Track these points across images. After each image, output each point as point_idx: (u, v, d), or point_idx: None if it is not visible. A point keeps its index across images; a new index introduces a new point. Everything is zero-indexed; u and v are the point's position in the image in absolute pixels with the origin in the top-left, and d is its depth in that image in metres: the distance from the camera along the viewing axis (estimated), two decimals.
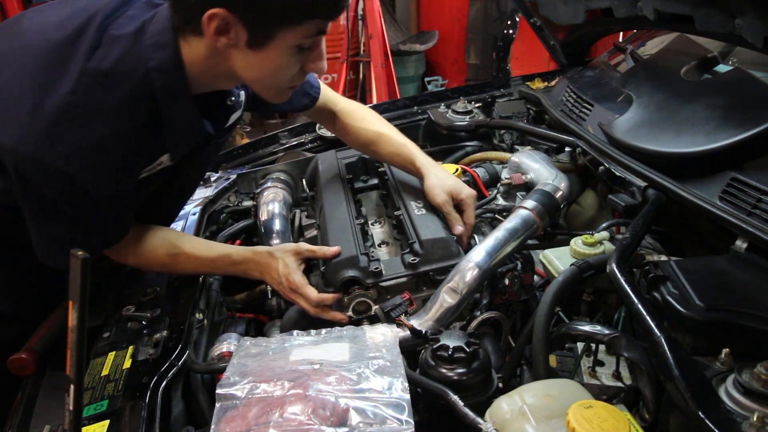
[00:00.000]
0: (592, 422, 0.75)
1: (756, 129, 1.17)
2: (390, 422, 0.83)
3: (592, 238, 1.23)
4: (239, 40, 1.03)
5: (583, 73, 1.97)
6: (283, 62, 1.09)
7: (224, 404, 0.90)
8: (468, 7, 5.22)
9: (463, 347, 0.98)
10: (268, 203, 1.68)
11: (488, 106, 2.20)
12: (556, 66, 2.31)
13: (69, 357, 0.72)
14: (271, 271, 1.30)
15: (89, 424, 1.00)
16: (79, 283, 0.70)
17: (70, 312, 0.72)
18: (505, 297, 1.30)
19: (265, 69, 1.09)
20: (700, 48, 1.70)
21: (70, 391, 0.72)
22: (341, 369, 0.94)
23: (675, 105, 1.44)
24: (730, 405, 0.80)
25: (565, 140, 1.68)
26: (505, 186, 1.63)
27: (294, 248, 1.32)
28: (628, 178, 1.38)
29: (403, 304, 1.21)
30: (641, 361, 0.92)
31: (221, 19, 0.99)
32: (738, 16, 1.22)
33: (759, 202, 1.09)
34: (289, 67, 1.12)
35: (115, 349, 1.18)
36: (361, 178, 1.79)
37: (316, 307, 1.26)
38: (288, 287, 1.28)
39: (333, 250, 1.29)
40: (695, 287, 0.94)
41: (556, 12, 1.93)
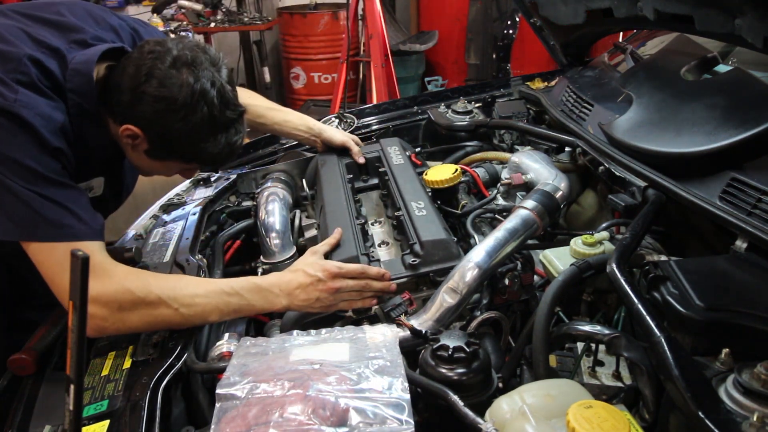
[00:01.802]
0: (592, 422, 0.75)
1: (756, 129, 1.17)
2: (390, 422, 0.83)
3: (592, 238, 1.23)
4: (139, 147, 1.28)
5: (583, 73, 1.97)
6: (166, 171, 1.40)
7: (224, 404, 0.90)
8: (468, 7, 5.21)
9: (463, 347, 0.98)
10: (268, 203, 1.68)
11: (488, 106, 2.20)
12: (556, 66, 2.31)
13: (69, 357, 0.72)
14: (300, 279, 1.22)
15: (89, 424, 1.00)
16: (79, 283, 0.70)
17: (70, 312, 0.72)
18: (505, 297, 1.30)
19: (148, 167, 1.37)
20: (700, 48, 1.70)
21: (70, 391, 0.72)
22: (341, 369, 0.94)
23: (675, 105, 1.44)
24: (730, 405, 0.80)
25: (565, 140, 1.68)
26: (505, 186, 1.63)
27: (307, 252, 1.32)
28: (628, 178, 1.38)
29: (403, 304, 1.21)
30: (641, 361, 0.92)
31: (135, 134, 1.23)
32: (738, 16, 1.22)
33: (759, 202, 1.09)
34: (169, 172, 1.41)
35: (115, 349, 1.18)
36: (361, 178, 1.79)
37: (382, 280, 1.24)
38: (329, 277, 1.21)
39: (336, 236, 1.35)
40: (695, 287, 0.94)
41: (556, 12, 1.93)
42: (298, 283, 1.22)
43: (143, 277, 1.17)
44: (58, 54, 1.22)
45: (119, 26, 1.39)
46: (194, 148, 1.27)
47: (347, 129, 2.11)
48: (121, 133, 1.24)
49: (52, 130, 1.15)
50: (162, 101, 1.19)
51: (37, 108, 1.13)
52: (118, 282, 1.13)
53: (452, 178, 1.59)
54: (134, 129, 1.22)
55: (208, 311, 1.17)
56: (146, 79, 1.19)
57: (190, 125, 1.21)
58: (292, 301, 1.22)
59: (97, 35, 1.31)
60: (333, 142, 1.85)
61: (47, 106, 1.16)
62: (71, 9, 1.33)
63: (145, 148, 1.27)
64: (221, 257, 1.59)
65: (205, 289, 1.18)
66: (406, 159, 1.74)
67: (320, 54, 5.27)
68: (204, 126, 1.23)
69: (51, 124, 1.15)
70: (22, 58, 1.16)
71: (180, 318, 1.16)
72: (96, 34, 1.31)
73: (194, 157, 1.31)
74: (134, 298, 1.12)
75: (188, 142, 1.24)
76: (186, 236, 1.53)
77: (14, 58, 1.16)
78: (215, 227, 1.72)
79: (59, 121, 1.17)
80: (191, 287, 1.17)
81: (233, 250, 1.68)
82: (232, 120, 1.28)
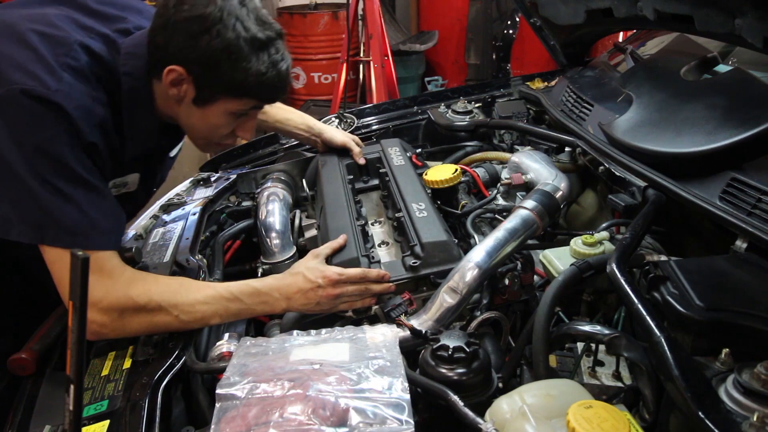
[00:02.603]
0: (592, 422, 0.75)
1: (756, 129, 1.17)
2: (390, 422, 0.83)
3: (592, 238, 1.23)
4: (186, 96, 1.23)
5: (583, 73, 1.97)
6: (219, 122, 1.29)
7: (224, 404, 0.90)
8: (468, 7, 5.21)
9: (463, 347, 0.98)
10: (268, 203, 1.68)
11: (488, 106, 2.20)
12: (556, 66, 2.31)
13: (69, 357, 0.72)
14: (299, 283, 1.22)
15: (89, 424, 1.00)
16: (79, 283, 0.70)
17: (70, 312, 0.72)
18: (505, 297, 1.30)
19: (201, 123, 1.29)
20: (700, 48, 1.70)
21: (70, 391, 0.72)
22: (341, 369, 0.94)
23: (675, 105, 1.44)
24: (730, 405, 0.80)
25: (565, 140, 1.68)
26: (505, 186, 1.63)
27: (309, 254, 1.31)
28: (628, 178, 1.38)
29: (403, 304, 1.21)
30: (641, 361, 0.92)
31: (177, 74, 1.18)
32: (738, 16, 1.22)
33: (759, 202, 1.09)
34: (222, 128, 1.31)
35: (115, 349, 1.18)
36: (362, 178, 1.79)
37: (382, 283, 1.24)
38: (329, 284, 1.22)
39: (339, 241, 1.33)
40: (695, 287, 0.94)
41: (556, 12, 1.93)
42: (298, 288, 1.22)
43: (145, 283, 1.16)
44: (108, 39, 1.21)
45: None
46: (238, 72, 1.19)
47: (347, 129, 2.11)
48: (166, 82, 1.19)
49: (91, 124, 1.13)
50: (193, 21, 1.15)
51: (78, 99, 1.11)
52: (121, 289, 1.12)
53: (452, 178, 1.60)
54: (176, 68, 1.17)
55: (207, 317, 1.17)
56: (175, 8, 1.17)
57: (227, 42, 1.16)
58: (291, 305, 1.22)
59: (139, 24, 1.30)
60: (333, 142, 1.85)
61: (89, 98, 1.14)
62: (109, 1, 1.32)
63: (192, 95, 1.22)
64: (221, 257, 1.59)
65: (204, 294, 1.17)
66: (406, 160, 1.74)
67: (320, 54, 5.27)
68: (240, 42, 1.17)
69: (90, 117, 1.13)
70: (72, 43, 1.15)
71: (179, 324, 1.16)
72: (138, 23, 1.30)
73: (241, 84, 1.21)
74: (135, 306, 1.12)
75: (229, 63, 1.18)
76: (186, 236, 1.53)
77: (66, 42, 1.15)
78: (215, 227, 1.72)
79: (99, 115, 1.15)
80: (191, 294, 1.17)
81: (233, 250, 1.68)
82: (270, 38, 1.22)
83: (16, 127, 1.07)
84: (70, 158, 1.09)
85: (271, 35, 1.23)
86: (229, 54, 1.17)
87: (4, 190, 1.09)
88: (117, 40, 1.22)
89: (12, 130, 1.07)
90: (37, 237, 1.09)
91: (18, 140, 1.07)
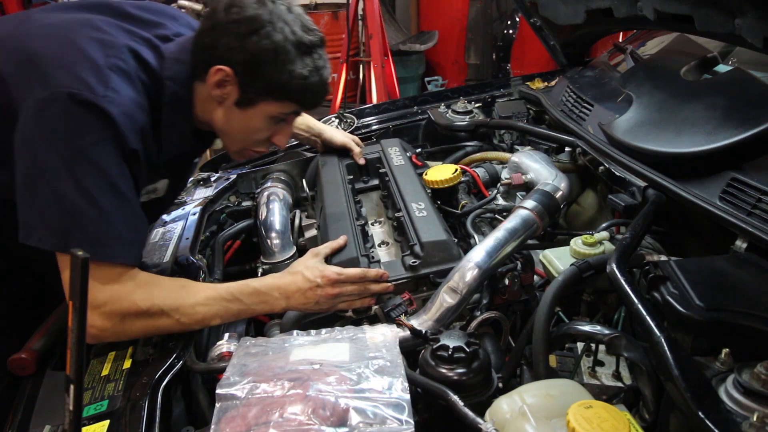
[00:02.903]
0: (592, 422, 0.75)
1: (756, 129, 1.17)
2: (390, 422, 0.83)
3: (592, 238, 1.23)
4: (229, 98, 1.24)
5: (583, 73, 1.97)
6: (258, 126, 1.30)
7: (224, 404, 0.90)
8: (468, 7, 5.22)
9: (463, 347, 0.98)
10: (268, 203, 1.68)
11: (488, 106, 2.20)
12: (556, 66, 2.31)
13: (69, 357, 0.72)
14: (298, 283, 1.22)
15: (89, 424, 1.00)
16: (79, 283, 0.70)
17: (70, 312, 0.72)
18: (505, 297, 1.30)
19: (240, 127, 1.29)
20: (700, 48, 1.70)
21: (70, 391, 0.72)
22: (341, 369, 0.94)
23: (675, 105, 1.44)
24: (730, 405, 0.80)
25: (565, 140, 1.68)
26: (505, 186, 1.63)
27: (308, 253, 1.31)
28: (628, 178, 1.38)
29: (403, 304, 1.21)
30: (641, 361, 0.92)
31: (224, 75, 1.20)
32: (738, 16, 1.22)
33: (759, 202, 1.09)
34: (260, 132, 1.32)
35: (115, 349, 1.18)
36: (362, 178, 1.79)
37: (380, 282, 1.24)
38: (328, 283, 1.22)
39: (340, 241, 1.34)
40: (695, 287, 0.94)
41: (556, 12, 1.93)
42: (297, 287, 1.22)
43: (149, 287, 1.14)
44: (152, 44, 1.23)
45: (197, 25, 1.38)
46: (283, 74, 1.20)
47: (347, 129, 2.11)
48: (211, 83, 1.21)
49: (133, 130, 1.12)
50: (242, 23, 1.18)
51: (124, 105, 1.11)
52: (125, 294, 1.11)
53: (452, 178, 1.60)
54: (223, 68, 1.19)
55: (207, 318, 1.17)
56: (225, 11, 1.19)
57: (275, 43, 1.18)
58: (291, 304, 1.22)
59: (177, 31, 1.31)
60: (333, 142, 1.85)
61: (134, 104, 1.14)
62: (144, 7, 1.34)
63: (235, 97, 1.23)
64: (221, 257, 1.59)
65: (205, 296, 1.17)
66: (406, 160, 1.74)
67: None
68: (287, 44, 1.20)
69: (134, 124, 1.13)
70: (122, 47, 1.16)
71: (180, 326, 1.16)
72: (176, 30, 1.32)
73: (285, 87, 1.22)
74: (138, 311, 1.11)
75: (276, 64, 1.19)
76: (186, 236, 1.53)
77: (115, 45, 1.16)
78: (215, 227, 1.72)
79: (141, 121, 1.15)
80: (192, 296, 1.16)
81: (233, 250, 1.68)
82: (314, 43, 1.25)
83: (59, 130, 1.06)
84: (108, 165, 1.08)
85: (314, 41, 1.25)
86: (276, 55, 1.19)
87: (32, 195, 1.07)
88: (160, 45, 1.24)
89: (54, 134, 1.06)
90: (60, 245, 1.06)
91: (58, 144, 1.05)
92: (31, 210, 1.07)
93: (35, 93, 1.07)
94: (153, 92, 1.20)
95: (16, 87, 1.09)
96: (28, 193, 1.07)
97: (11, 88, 1.10)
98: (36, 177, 1.06)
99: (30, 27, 1.21)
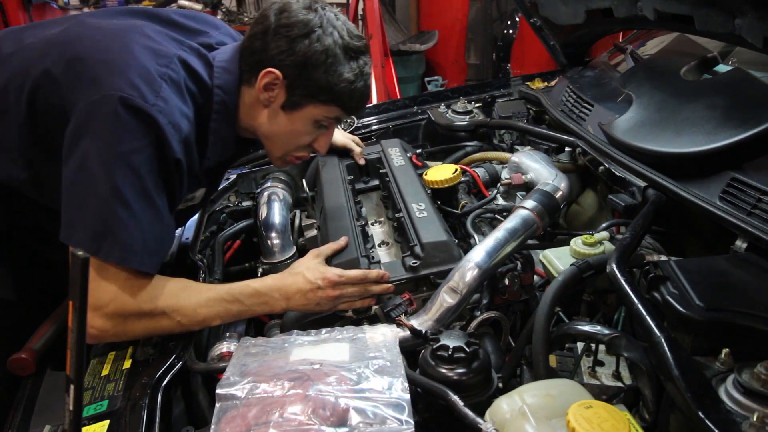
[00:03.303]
0: (592, 422, 0.75)
1: (756, 129, 1.17)
2: (390, 422, 0.83)
3: (592, 238, 1.23)
4: (276, 101, 1.26)
5: (583, 73, 1.97)
6: (303, 129, 1.32)
7: (224, 404, 0.90)
8: (468, 7, 5.22)
9: (463, 347, 0.98)
10: (268, 203, 1.68)
11: (488, 106, 2.20)
12: (556, 66, 2.31)
13: (69, 357, 0.72)
14: (299, 284, 1.22)
15: (89, 424, 1.00)
16: (79, 283, 0.70)
17: (70, 312, 0.72)
18: (505, 297, 1.30)
19: (285, 130, 1.31)
20: (700, 48, 1.70)
21: (70, 391, 0.72)
22: (341, 369, 0.94)
23: (675, 105, 1.44)
24: (730, 405, 0.80)
25: (565, 140, 1.68)
26: (505, 186, 1.63)
27: (309, 254, 1.31)
28: (628, 178, 1.38)
29: (403, 304, 1.21)
30: (641, 361, 0.92)
31: (274, 78, 1.23)
32: (738, 16, 1.22)
33: (759, 202, 1.09)
34: (305, 136, 1.34)
35: (115, 349, 1.18)
36: (362, 179, 1.79)
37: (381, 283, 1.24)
38: (329, 285, 1.22)
39: (341, 242, 1.34)
40: (695, 287, 0.94)
41: (556, 12, 1.93)
42: (297, 288, 1.22)
43: (152, 288, 1.14)
44: (199, 53, 1.24)
45: (236, 34, 1.43)
46: (332, 76, 1.23)
47: (347, 129, 2.11)
48: (260, 85, 1.24)
49: (178, 140, 1.13)
50: (294, 26, 1.21)
51: (172, 115, 1.11)
52: (128, 295, 1.11)
53: (452, 178, 1.60)
54: (273, 71, 1.22)
55: (208, 320, 1.17)
56: (275, 16, 1.23)
57: (326, 46, 1.22)
58: (291, 305, 1.22)
59: (220, 40, 1.34)
60: (334, 142, 1.85)
61: (181, 114, 1.15)
62: (187, 15, 1.36)
63: (282, 100, 1.26)
64: (221, 257, 1.59)
65: (206, 297, 1.17)
66: (407, 160, 1.74)
67: None
68: (336, 48, 1.23)
69: (180, 134, 1.13)
70: (173, 56, 1.17)
71: (180, 327, 1.16)
72: (219, 39, 1.34)
73: (333, 90, 1.25)
74: (140, 312, 1.11)
75: (325, 67, 1.23)
76: (186, 236, 1.53)
77: (167, 55, 1.17)
78: (215, 227, 1.72)
79: (186, 132, 1.16)
80: (194, 297, 1.16)
81: (233, 250, 1.68)
82: (360, 49, 1.28)
83: (105, 132, 1.06)
84: (147, 173, 1.09)
85: (360, 47, 1.29)
86: (327, 58, 1.22)
87: (74, 196, 1.08)
88: (207, 54, 1.26)
89: (100, 136, 1.06)
90: (92, 248, 1.05)
91: (102, 146, 1.06)
92: (72, 210, 1.08)
93: (87, 95, 1.08)
94: (200, 102, 1.22)
95: (69, 89, 1.11)
96: (72, 194, 1.08)
97: (64, 90, 1.11)
98: (79, 178, 1.07)
99: (81, 30, 1.22)
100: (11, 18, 4.17)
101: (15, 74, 1.17)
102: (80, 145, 1.07)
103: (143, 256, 1.09)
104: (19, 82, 1.15)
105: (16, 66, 1.18)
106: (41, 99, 1.14)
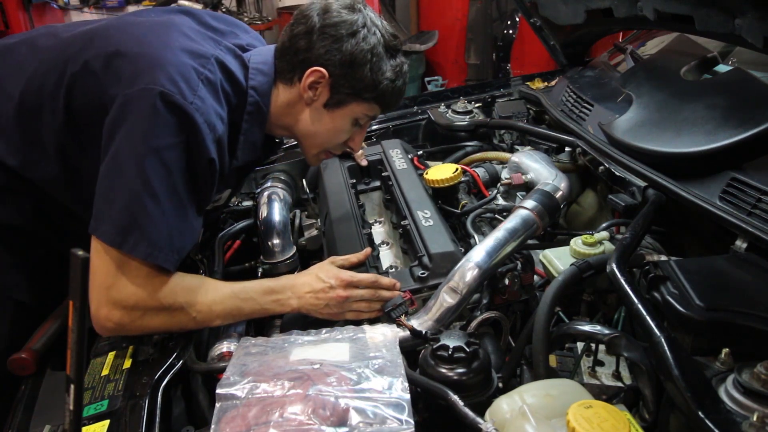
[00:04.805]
0: (592, 422, 0.75)
1: (756, 129, 1.17)
2: (390, 422, 0.83)
3: (592, 238, 1.23)
4: (319, 99, 1.29)
5: (583, 73, 1.97)
6: (343, 127, 1.35)
7: (224, 404, 0.90)
8: (468, 7, 5.21)
9: (463, 347, 0.98)
10: (268, 203, 1.68)
11: (488, 106, 2.20)
12: (556, 66, 2.31)
13: (69, 357, 0.72)
14: (312, 283, 1.22)
15: (89, 424, 1.00)
16: (79, 283, 0.70)
17: (71, 312, 0.72)
18: (505, 297, 1.30)
19: (325, 127, 1.34)
20: (700, 48, 1.70)
21: (70, 391, 0.72)
22: (341, 369, 0.94)
23: (675, 105, 1.44)
24: (730, 405, 0.80)
25: (565, 140, 1.68)
26: (505, 186, 1.63)
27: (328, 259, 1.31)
28: (628, 178, 1.38)
29: (403, 305, 1.21)
30: (641, 361, 0.92)
31: (319, 77, 1.26)
32: (738, 16, 1.22)
33: (759, 202, 1.09)
34: (343, 134, 1.37)
35: (115, 349, 1.18)
36: (363, 180, 1.79)
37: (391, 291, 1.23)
38: (341, 285, 1.20)
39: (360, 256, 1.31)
40: (695, 287, 0.94)
41: (556, 12, 1.93)
42: (310, 287, 1.22)
43: (172, 283, 1.13)
44: (235, 54, 1.26)
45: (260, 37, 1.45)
46: (377, 74, 1.27)
47: None
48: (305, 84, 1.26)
49: (212, 140, 1.14)
50: (340, 26, 1.25)
51: (208, 114, 1.12)
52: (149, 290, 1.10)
53: (452, 178, 1.59)
54: (319, 69, 1.25)
55: (222, 317, 1.17)
56: (319, 16, 1.25)
57: (371, 45, 1.26)
58: (302, 304, 1.22)
59: (250, 42, 1.35)
60: None
61: (216, 115, 1.15)
62: (216, 17, 1.38)
63: (325, 98, 1.29)
64: (221, 257, 1.59)
65: (221, 294, 1.17)
66: (408, 163, 1.74)
67: None
68: (380, 47, 1.27)
69: (214, 134, 1.14)
70: (210, 57, 1.19)
71: (194, 323, 1.16)
72: (248, 41, 1.36)
73: (376, 87, 1.29)
74: (160, 306, 1.11)
75: (371, 65, 1.26)
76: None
77: (205, 55, 1.18)
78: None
79: (220, 132, 1.16)
80: (210, 294, 1.16)
81: (233, 250, 1.68)
82: (398, 48, 1.33)
83: (142, 126, 1.06)
84: (179, 170, 1.09)
85: (398, 46, 1.33)
86: (372, 56, 1.26)
87: (107, 188, 1.08)
88: (242, 55, 1.28)
89: (135, 128, 1.06)
90: (117, 241, 1.05)
91: (137, 139, 1.06)
92: (101, 202, 1.08)
93: (126, 88, 1.08)
94: (233, 102, 1.23)
95: (109, 83, 1.11)
96: (103, 186, 1.08)
97: (103, 83, 1.12)
98: (111, 170, 1.08)
99: (121, 25, 1.23)
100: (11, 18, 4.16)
101: (51, 68, 1.17)
102: (116, 138, 1.07)
103: (168, 253, 1.09)
104: (56, 76, 1.16)
105: (52, 60, 1.18)
106: (79, 92, 1.15)
